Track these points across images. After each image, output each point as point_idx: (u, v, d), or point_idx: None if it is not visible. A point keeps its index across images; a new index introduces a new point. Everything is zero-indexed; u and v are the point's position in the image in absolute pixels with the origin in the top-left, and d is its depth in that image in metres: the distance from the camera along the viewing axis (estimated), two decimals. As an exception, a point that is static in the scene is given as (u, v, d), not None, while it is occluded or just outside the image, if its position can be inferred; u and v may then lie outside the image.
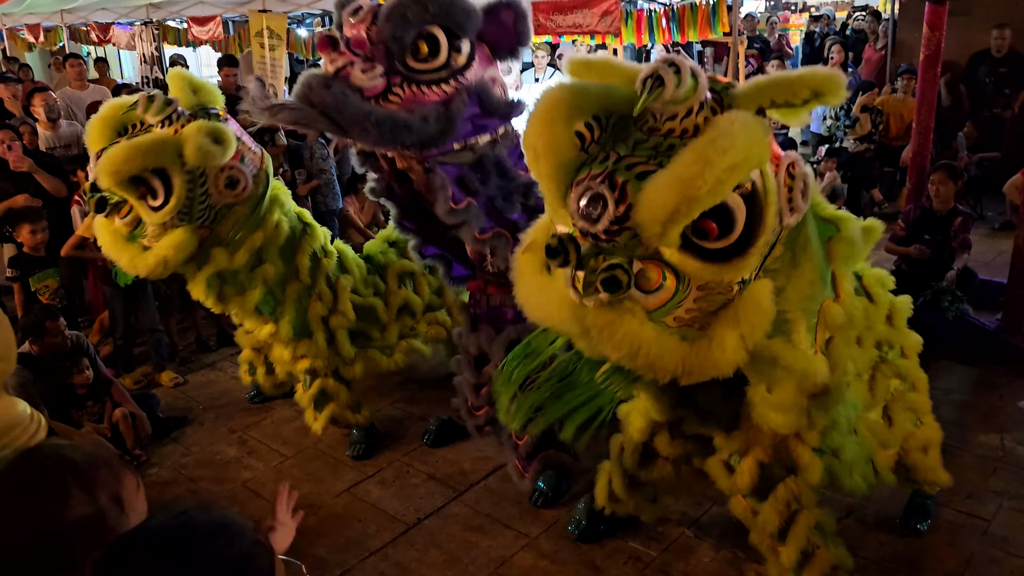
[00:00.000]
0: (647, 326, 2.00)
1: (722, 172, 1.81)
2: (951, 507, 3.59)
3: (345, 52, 2.94)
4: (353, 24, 2.99)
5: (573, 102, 1.99)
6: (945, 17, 5.31)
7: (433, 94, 3.03)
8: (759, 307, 2.05)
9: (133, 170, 3.46)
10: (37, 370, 4.07)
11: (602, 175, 1.93)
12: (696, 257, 1.94)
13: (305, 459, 4.30)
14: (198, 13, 10.69)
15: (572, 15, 7.20)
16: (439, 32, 2.97)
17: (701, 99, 1.95)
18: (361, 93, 2.92)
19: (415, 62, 2.98)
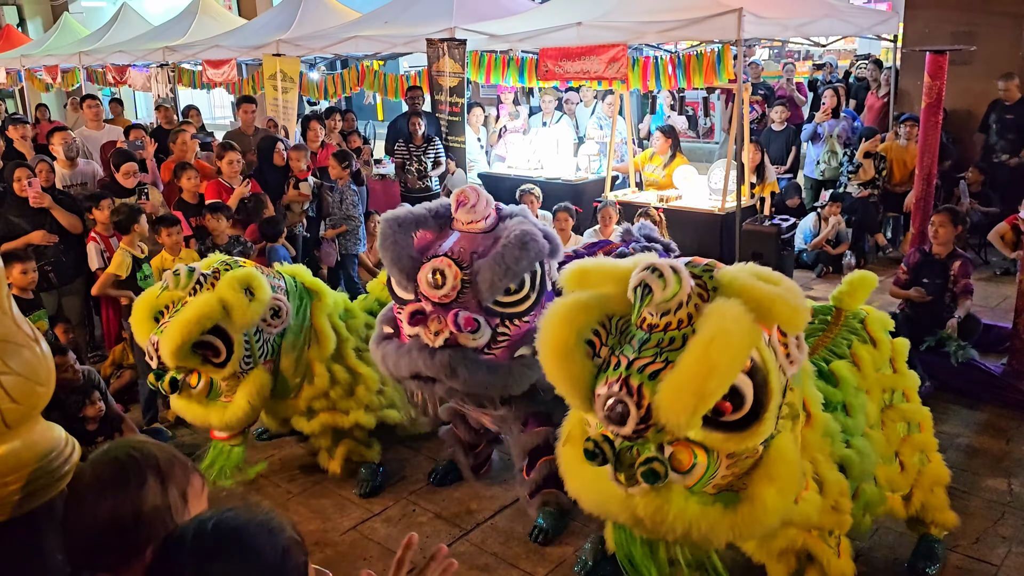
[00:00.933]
0: (692, 502, 2.16)
1: (726, 369, 2.01)
2: (959, 552, 3.58)
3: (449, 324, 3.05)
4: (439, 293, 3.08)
5: (577, 312, 2.25)
6: (946, 66, 5.42)
7: (532, 318, 3.18)
8: (786, 460, 2.24)
9: (192, 339, 3.65)
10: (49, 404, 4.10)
11: (618, 382, 2.12)
12: (718, 431, 2.11)
13: (311, 496, 4.31)
14: (213, 56, 10.93)
15: (580, 61, 7.35)
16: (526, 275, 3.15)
17: (687, 293, 2.16)
18: (475, 352, 3.09)
19: (505, 297, 3.13)
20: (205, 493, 1.45)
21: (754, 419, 2.11)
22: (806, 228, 7.89)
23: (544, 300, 3.27)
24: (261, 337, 3.94)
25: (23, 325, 1.46)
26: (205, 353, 3.76)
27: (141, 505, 1.35)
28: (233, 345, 3.80)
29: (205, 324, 3.69)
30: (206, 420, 3.94)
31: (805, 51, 14.48)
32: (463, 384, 3.10)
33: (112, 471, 1.37)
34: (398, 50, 9.40)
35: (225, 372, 3.83)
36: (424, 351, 3.09)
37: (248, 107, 8.28)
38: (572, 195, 7.63)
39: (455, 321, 3.04)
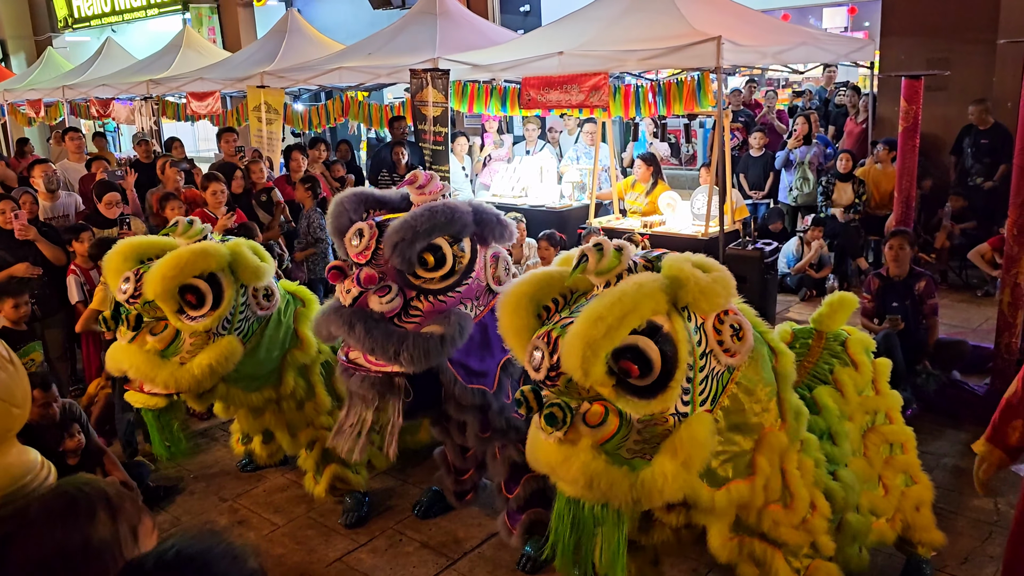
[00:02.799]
0: (599, 459, 2.29)
1: (612, 320, 2.18)
2: (947, 572, 3.57)
3: (356, 285, 3.08)
4: (357, 250, 3.14)
5: (539, 287, 2.49)
6: (921, 91, 5.51)
7: (450, 298, 3.21)
8: (696, 438, 2.33)
9: (191, 274, 3.57)
10: (27, 437, 4.03)
11: (543, 334, 2.37)
12: (628, 394, 2.27)
13: (297, 528, 4.25)
14: (197, 88, 10.97)
15: (562, 90, 7.42)
16: (442, 242, 3.16)
17: (625, 268, 2.37)
18: (382, 317, 3.08)
19: (425, 272, 3.15)
20: (155, 534, 1.42)
21: (661, 386, 2.26)
22: (789, 252, 7.96)
23: (470, 285, 3.27)
24: (247, 311, 3.85)
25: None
26: (186, 298, 3.61)
27: (89, 539, 1.32)
28: (222, 297, 3.67)
29: (209, 264, 3.61)
30: (149, 374, 3.67)
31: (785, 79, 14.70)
32: (358, 340, 3.06)
33: (61, 505, 1.35)
34: (382, 81, 9.47)
35: (200, 325, 3.67)
36: (336, 310, 3.12)
37: (229, 136, 8.33)
38: (556, 222, 7.67)
39: (358, 277, 3.06)
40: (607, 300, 2.22)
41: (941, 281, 7.25)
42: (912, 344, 5.21)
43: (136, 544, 1.35)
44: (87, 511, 1.33)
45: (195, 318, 3.66)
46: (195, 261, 3.58)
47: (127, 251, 3.76)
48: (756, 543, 2.68)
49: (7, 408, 1.40)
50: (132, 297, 3.67)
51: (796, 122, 8.81)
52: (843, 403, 3.05)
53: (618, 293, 2.24)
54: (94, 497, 1.36)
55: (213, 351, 3.70)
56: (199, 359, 3.68)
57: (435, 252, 3.13)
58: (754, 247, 6.76)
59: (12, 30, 19.35)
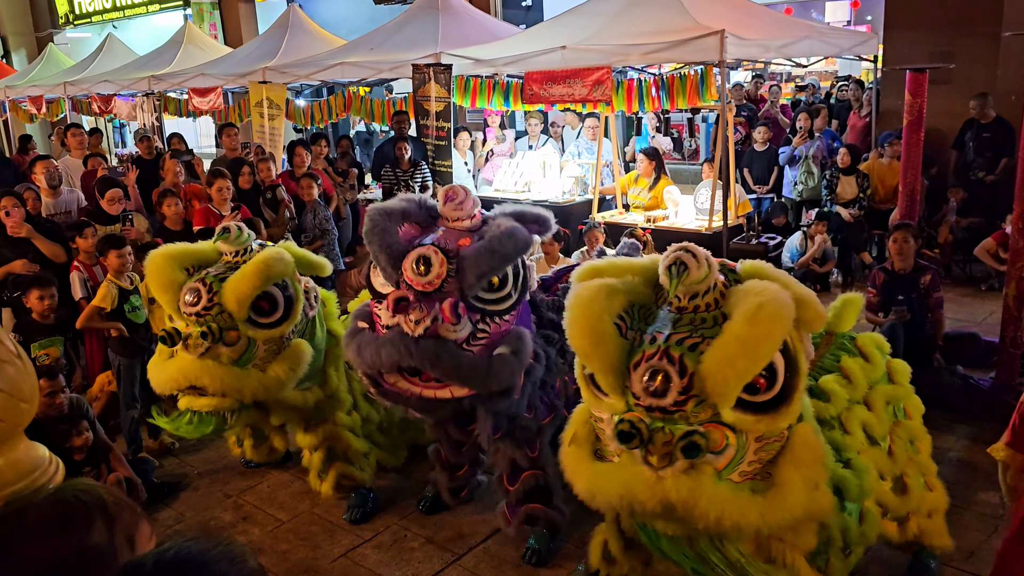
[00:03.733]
0: (723, 487, 2.15)
1: (777, 334, 2.09)
2: (953, 566, 3.56)
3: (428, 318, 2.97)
4: (423, 281, 3.01)
5: (607, 299, 2.27)
6: (926, 84, 5.49)
7: (511, 320, 3.20)
8: (811, 446, 2.27)
9: (267, 284, 3.57)
10: (35, 433, 4.04)
11: (658, 354, 2.16)
12: (749, 412, 2.15)
13: (301, 524, 4.25)
14: (199, 84, 10.95)
15: (564, 84, 7.40)
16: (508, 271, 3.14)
17: (715, 278, 2.27)
18: (456, 344, 3.05)
19: (487, 294, 3.11)
20: (154, 540, 1.41)
21: (784, 400, 2.15)
22: (792, 247, 7.94)
23: (523, 305, 3.26)
24: (303, 313, 3.86)
25: (5, 340, 1.43)
26: (259, 305, 3.61)
27: (85, 546, 1.31)
28: (294, 303, 3.70)
29: (286, 270, 3.62)
30: (235, 385, 3.60)
31: (788, 73, 14.66)
32: (445, 373, 3.02)
33: (57, 511, 1.34)
34: (384, 76, 9.45)
35: (275, 332, 3.67)
36: (406, 339, 2.99)
37: (230, 132, 8.34)
38: (559, 217, 7.53)
39: (450, 308, 2.95)
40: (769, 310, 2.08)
41: (945, 275, 7.22)
42: (918, 339, 5.19)
43: (132, 552, 1.34)
44: (84, 520, 1.33)
45: (266, 325, 3.65)
46: (279, 268, 3.59)
47: (170, 263, 3.66)
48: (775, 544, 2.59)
49: (15, 403, 1.39)
50: (204, 310, 3.57)
51: (799, 117, 8.78)
52: (851, 389, 3.00)
53: (776, 305, 2.09)
54: (91, 505, 1.35)
55: (290, 356, 3.74)
56: (280, 365, 3.70)
57: (500, 276, 3.12)
58: (758, 242, 6.75)
59: (13, 27, 19.33)
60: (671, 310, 2.28)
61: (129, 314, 4.99)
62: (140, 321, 4.96)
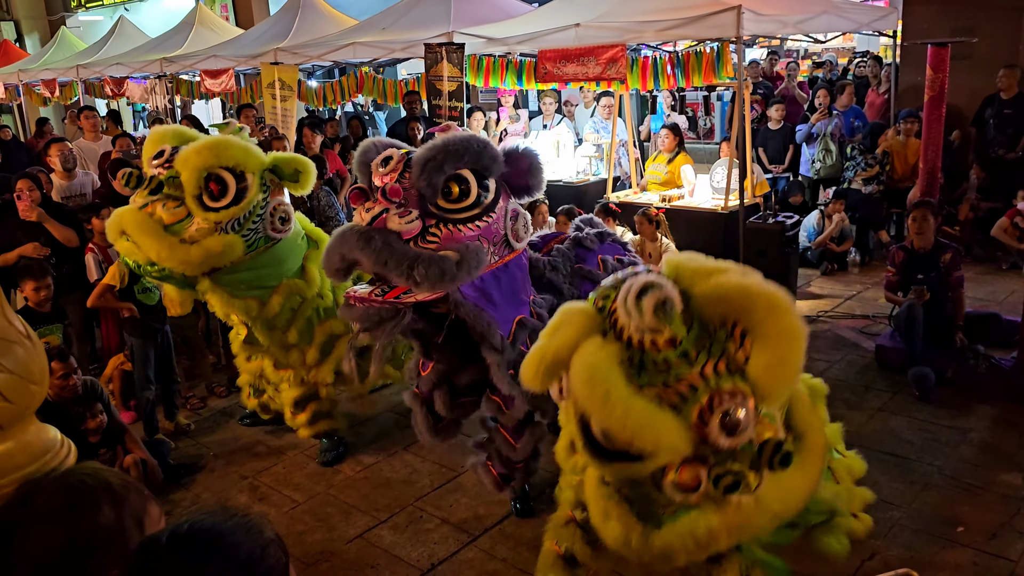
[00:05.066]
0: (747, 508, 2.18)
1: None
2: (975, 548, 3.52)
3: (380, 200, 3.03)
4: (384, 173, 3.11)
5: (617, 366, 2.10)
6: (948, 59, 5.39)
7: (468, 230, 3.16)
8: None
9: (226, 162, 3.71)
10: (49, 416, 4.05)
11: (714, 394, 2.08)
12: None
13: (317, 505, 4.26)
14: (211, 66, 10.91)
15: (578, 63, 7.31)
16: (468, 174, 3.11)
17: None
18: (399, 237, 3.03)
19: (447, 203, 3.11)
20: (163, 522, 1.41)
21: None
22: (810, 226, 7.85)
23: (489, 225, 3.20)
24: (260, 223, 4.00)
25: (15, 321, 1.41)
26: (209, 186, 3.74)
27: (94, 531, 1.31)
28: (244, 196, 3.81)
29: (246, 160, 3.75)
30: (149, 242, 3.84)
31: (804, 50, 14.46)
32: (374, 252, 2.98)
33: (65, 497, 1.34)
34: (396, 56, 9.38)
35: (214, 216, 3.82)
36: (354, 228, 3.07)
37: (248, 112, 8.33)
38: (574, 197, 7.59)
39: (383, 190, 3.02)
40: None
41: (966, 254, 7.13)
42: (939, 318, 5.13)
43: (142, 534, 1.34)
44: (91, 504, 1.33)
45: (210, 207, 3.78)
46: (234, 151, 3.71)
47: (174, 132, 3.95)
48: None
49: (24, 384, 1.37)
50: (161, 167, 3.80)
51: (818, 94, 8.66)
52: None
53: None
54: (98, 489, 1.35)
55: (216, 241, 3.85)
56: (202, 243, 3.84)
57: (460, 183, 3.09)
58: (775, 220, 6.67)
59: (25, 11, 19.33)
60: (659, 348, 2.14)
61: (140, 295, 4.98)
62: (152, 303, 4.95)
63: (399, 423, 5.09)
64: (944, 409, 4.77)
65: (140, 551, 1.17)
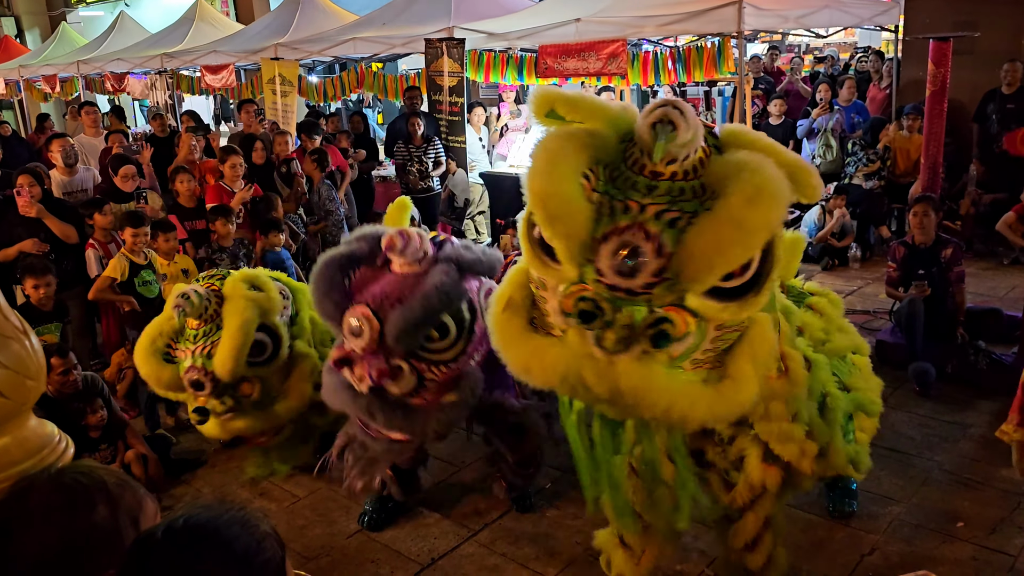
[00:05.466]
0: (676, 377, 1.99)
1: (774, 222, 1.86)
2: (975, 543, 3.52)
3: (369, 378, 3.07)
4: (360, 345, 3.08)
5: (576, 154, 1.94)
6: (950, 53, 5.37)
7: (461, 362, 3.24)
8: (767, 339, 2.10)
9: (249, 343, 3.76)
10: (49, 411, 4.06)
11: (633, 227, 1.88)
12: (717, 299, 1.92)
13: (317, 500, 4.26)
14: (211, 62, 10.91)
15: (579, 58, 7.31)
16: (446, 319, 3.13)
17: (700, 141, 1.95)
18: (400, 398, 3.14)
19: (431, 345, 3.15)
20: (159, 517, 1.41)
21: (754, 286, 1.95)
22: (810, 221, 7.85)
23: (473, 341, 3.25)
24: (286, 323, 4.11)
25: (11, 317, 1.41)
26: (252, 357, 3.83)
27: (90, 530, 1.31)
28: (279, 335, 3.93)
29: (256, 324, 3.80)
30: (266, 424, 4.02)
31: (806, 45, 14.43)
32: (382, 426, 3.18)
33: (60, 496, 1.34)
34: (397, 51, 9.37)
35: (275, 365, 3.95)
36: (354, 399, 3.17)
37: (249, 108, 8.32)
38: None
39: (369, 372, 3.06)
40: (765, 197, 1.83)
41: (967, 249, 7.11)
42: (939, 313, 5.12)
43: (137, 532, 1.34)
44: (85, 503, 1.32)
45: (263, 363, 3.90)
46: (249, 331, 3.75)
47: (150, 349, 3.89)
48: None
49: (20, 380, 1.37)
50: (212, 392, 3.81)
51: (819, 88, 8.64)
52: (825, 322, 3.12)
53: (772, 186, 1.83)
54: (92, 488, 1.35)
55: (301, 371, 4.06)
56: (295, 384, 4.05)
57: (439, 328, 3.13)
58: (775, 216, 6.66)
59: (26, 6, 19.33)
60: (645, 174, 1.94)
61: (140, 288, 4.99)
62: (152, 296, 4.96)
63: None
64: (945, 404, 4.77)
65: (136, 546, 1.17)
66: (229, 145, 7.13)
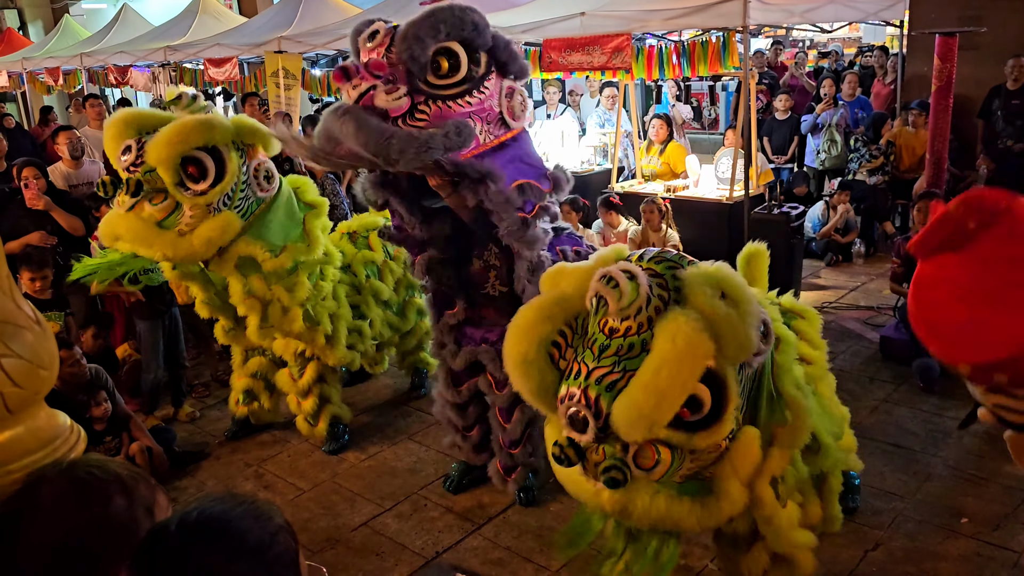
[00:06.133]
0: (660, 496, 2.26)
1: (677, 394, 2.07)
2: (979, 539, 3.53)
3: (366, 76, 2.93)
4: (371, 48, 3.02)
5: (540, 325, 2.29)
6: (956, 49, 5.36)
7: (459, 107, 3.06)
8: (750, 454, 2.31)
9: (195, 144, 3.58)
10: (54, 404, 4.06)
11: (578, 391, 2.18)
12: (680, 431, 2.16)
13: (322, 493, 4.27)
14: (215, 55, 10.89)
15: (583, 52, 7.28)
16: (457, 47, 3.01)
17: (644, 299, 2.17)
18: (386, 115, 2.93)
19: (436, 79, 3.01)
20: (170, 510, 1.40)
21: (715, 419, 2.16)
22: (815, 217, 7.83)
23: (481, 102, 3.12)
24: (248, 190, 3.88)
25: (24, 306, 1.41)
26: (188, 170, 3.65)
27: (107, 523, 1.31)
28: (225, 171, 3.70)
29: (213, 135, 3.64)
30: (150, 243, 3.75)
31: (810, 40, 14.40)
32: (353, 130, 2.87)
33: (76, 490, 1.33)
34: (400, 45, 9.35)
35: (202, 199, 3.71)
36: (336, 107, 2.97)
37: (252, 100, 8.33)
38: (578, 187, 7.51)
39: (366, 65, 2.93)
40: (664, 372, 2.06)
41: (971, 245, 7.09)
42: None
43: (152, 523, 1.33)
44: (102, 497, 1.32)
45: (196, 192, 3.69)
46: (200, 131, 3.58)
47: (128, 118, 3.77)
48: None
49: (34, 370, 1.37)
50: (133, 165, 3.67)
51: (824, 84, 8.62)
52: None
53: (674, 362, 2.06)
54: (108, 481, 1.34)
55: (213, 224, 3.74)
56: (199, 231, 3.73)
57: (450, 57, 3.00)
58: (779, 211, 6.65)
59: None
60: (604, 331, 2.22)
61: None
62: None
63: (403, 412, 5.11)
64: (948, 400, 4.77)
65: (149, 539, 1.17)
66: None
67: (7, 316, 1.35)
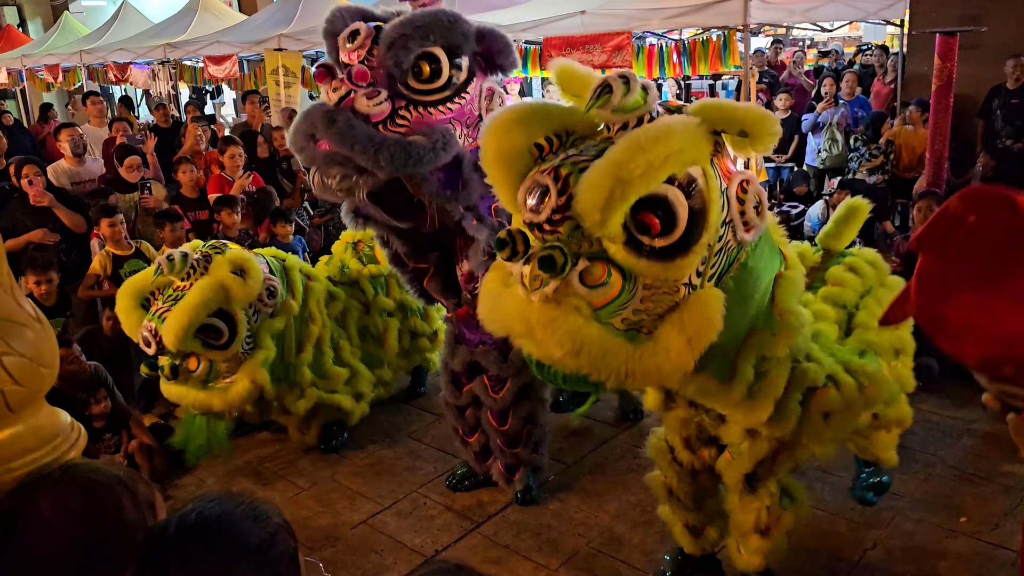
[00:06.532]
0: (592, 325, 1.96)
1: (654, 157, 1.85)
2: (977, 538, 3.53)
3: (346, 80, 2.91)
4: (351, 50, 2.99)
5: (533, 116, 2.12)
6: (956, 48, 5.36)
7: (440, 113, 3.05)
8: (706, 313, 2.04)
9: (197, 323, 3.72)
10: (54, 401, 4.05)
11: (548, 169, 2.01)
12: (640, 255, 1.95)
13: (321, 490, 4.27)
14: (214, 52, 10.89)
15: (584, 51, 7.29)
16: (440, 52, 2.99)
17: (651, 111, 2.01)
18: (367, 120, 2.91)
19: (418, 83, 2.99)
20: (164, 509, 1.40)
21: (681, 249, 1.95)
22: (814, 216, 7.83)
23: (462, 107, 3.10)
24: (258, 317, 4.07)
25: (25, 304, 1.40)
26: (207, 336, 3.82)
27: (120, 526, 1.30)
28: (237, 326, 3.89)
29: (211, 307, 3.77)
30: (207, 404, 3.99)
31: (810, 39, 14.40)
32: (338, 134, 2.85)
33: (79, 499, 1.31)
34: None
35: (227, 354, 3.93)
36: (317, 107, 2.96)
37: (253, 98, 8.32)
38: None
39: (349, 73, 2.89)
40: (651, 132, 1.88)
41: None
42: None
43: (156, 519, 1.33)
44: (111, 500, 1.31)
45: (220, 347, 3.88)
46: (198, 314, 3.71)
47: (130, 299, 3.92)
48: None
49: (35, 367, 1.37)
50: (159, 353, 3.83)
51: (824, 83, 8.62)
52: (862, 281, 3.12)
53: (664, 127, 1.89)
54: (112, 484, 1.33)
55: (250, 366, 4.02)
56: (241, 379, 4.02)
57: (431, 62, 2.97)
58: (779, 210, 6.66)
59: (28, -5, 19.29)
60: (598, 140, 2.07)
61: None
62: None
63: (403, 410, 5.11)
64: (948, 400, 4.76)
65: (147, 541, 1.16)
66: (230, 136, 7.14)
67: (8, 313, 1.35)
